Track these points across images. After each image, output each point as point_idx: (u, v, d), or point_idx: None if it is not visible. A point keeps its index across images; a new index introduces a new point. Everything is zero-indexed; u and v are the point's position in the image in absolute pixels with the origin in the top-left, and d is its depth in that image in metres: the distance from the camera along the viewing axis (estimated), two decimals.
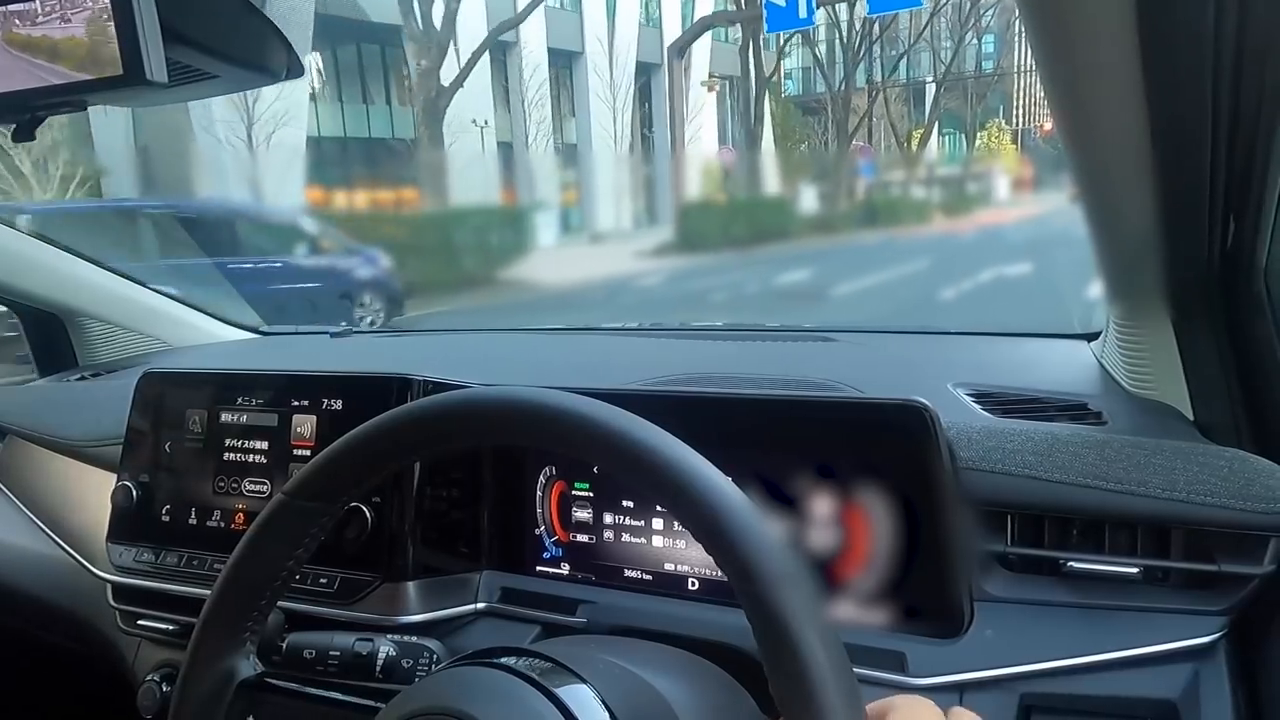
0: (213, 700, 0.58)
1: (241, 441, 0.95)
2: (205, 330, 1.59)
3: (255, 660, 0.60)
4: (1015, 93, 31.86)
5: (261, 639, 0.60)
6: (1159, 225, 0.71)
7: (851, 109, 20.84)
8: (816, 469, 0.79)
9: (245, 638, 0.59)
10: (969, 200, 13.77)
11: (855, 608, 0.76)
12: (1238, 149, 0.62)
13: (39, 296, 1.40)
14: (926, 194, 14.32)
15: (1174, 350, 0.87)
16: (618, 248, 11.59)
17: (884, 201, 13.37)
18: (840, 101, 20.54)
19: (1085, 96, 0.58)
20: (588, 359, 1.41)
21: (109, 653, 1.06)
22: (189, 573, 0.95)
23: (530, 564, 0.90)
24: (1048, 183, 13.84)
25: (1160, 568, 0.71)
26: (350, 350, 1.52)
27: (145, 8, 0.54)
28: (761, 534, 0.46)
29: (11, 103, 0.59)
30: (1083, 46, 0.53)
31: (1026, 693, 0.70)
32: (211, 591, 0.58)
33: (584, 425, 0.51)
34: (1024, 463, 0.74)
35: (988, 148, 28.36)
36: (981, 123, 27.68)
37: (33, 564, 1.13)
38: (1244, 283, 0.79)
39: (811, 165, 17.59)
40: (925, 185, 15.11)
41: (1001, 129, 29.29)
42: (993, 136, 29.23)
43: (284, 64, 0.66)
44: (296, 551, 0.57)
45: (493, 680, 0.53)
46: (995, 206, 13.63)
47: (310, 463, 0.56)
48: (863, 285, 8.79)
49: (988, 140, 28.72)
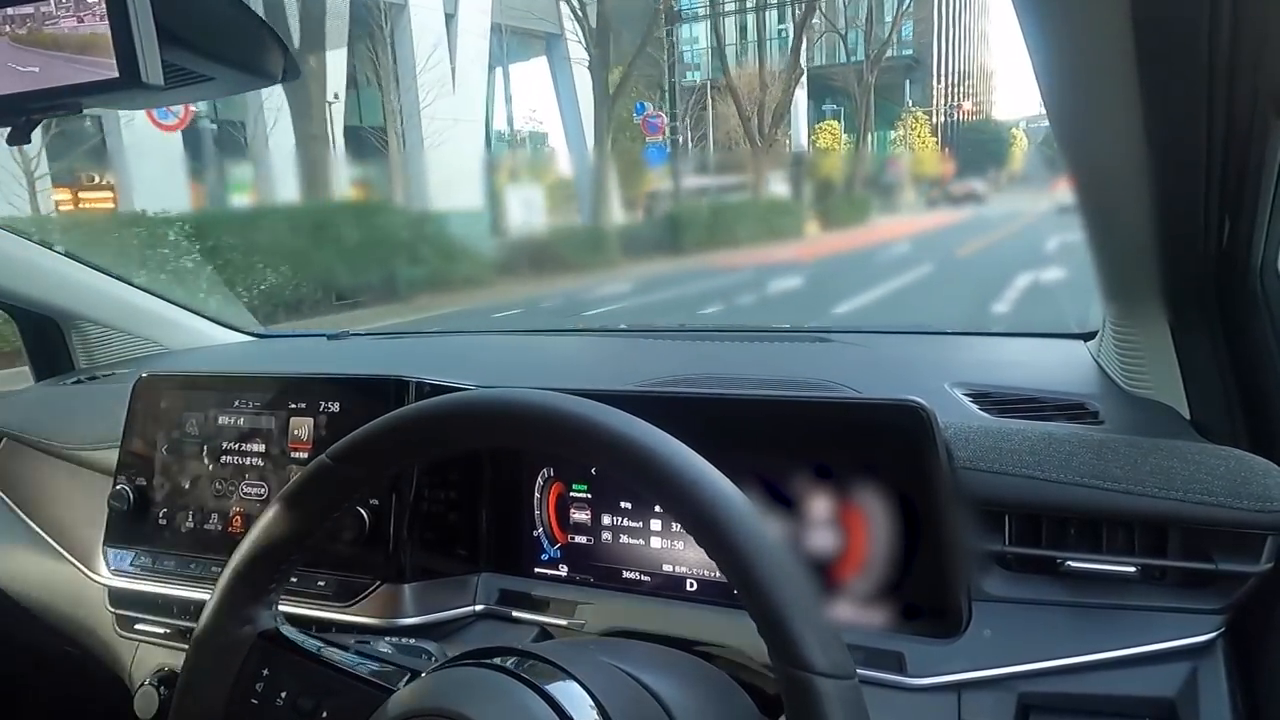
0: (232, 649, 0.60)
1: (238, 444, 0.94)
2: (201, 333, 1.59)
3: (276, 612, 0.62)
4: (936, 73, 28.78)
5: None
6: (1155, 225, 0.71)
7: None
8: (814, 469, 0.79)
9: (270, 589, 0.61)
10: (857, 207, 11.05)
11: (854, 608, 0.76)
12: (1233, 149, 0.62)
13: (35, 300, 1.40)
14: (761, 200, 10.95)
15: (1170, 349, 0.87)
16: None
17: (690, 211, 10.19)
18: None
19: (1081, 98, 0.58)
20: (586, 360, 1.41)
21: (106, 656, 1.06)
22: (186, 576, 0.94)
23: (528, 566, 0.90)
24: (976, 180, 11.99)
25: (1158, 566, 0.71)
26: (346, 353, 1.52)
27: (141, 10, 0.54)
28: (761, 536, 0.46)
29: (7, 105, 0.59)
30: (1079, 49, 0.53)
31: (1025, 692, 0.70)
32: (242, 542, 0.60)
33: (584, 426, 0.51)
34: (1021, 462, 0.74)
35: (904, 140, 25.61)
36: (882, 109, 24.27)
37: (30, 568, 1.13)
38: (1240, 282, 0.80)
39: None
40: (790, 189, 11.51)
41: (919, 119, 26.64)
42: (912, 128, 26.41)
43: (280, 66, 0.66)
44: (332, 515, 0.59)
45: (486, 680, 0.53)
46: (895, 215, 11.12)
47: (358, 431, 0.58)
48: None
49: (905, 132, 26.04)
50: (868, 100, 20.55)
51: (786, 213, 10.64)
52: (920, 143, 25.71)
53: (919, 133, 26.19)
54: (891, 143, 25.96)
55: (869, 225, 10.94)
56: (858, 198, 11.49)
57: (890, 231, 10.78)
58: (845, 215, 11.13)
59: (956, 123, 30.54)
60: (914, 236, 10.55)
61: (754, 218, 10.41)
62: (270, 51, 0.65)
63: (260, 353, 1.60)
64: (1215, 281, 0.81)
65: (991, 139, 27.11)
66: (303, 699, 0.60)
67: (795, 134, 18.86)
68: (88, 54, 0.56)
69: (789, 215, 10.59)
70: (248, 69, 0.65)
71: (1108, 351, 0.99)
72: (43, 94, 0.58)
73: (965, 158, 26.07)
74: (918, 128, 26.46)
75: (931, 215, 11.25)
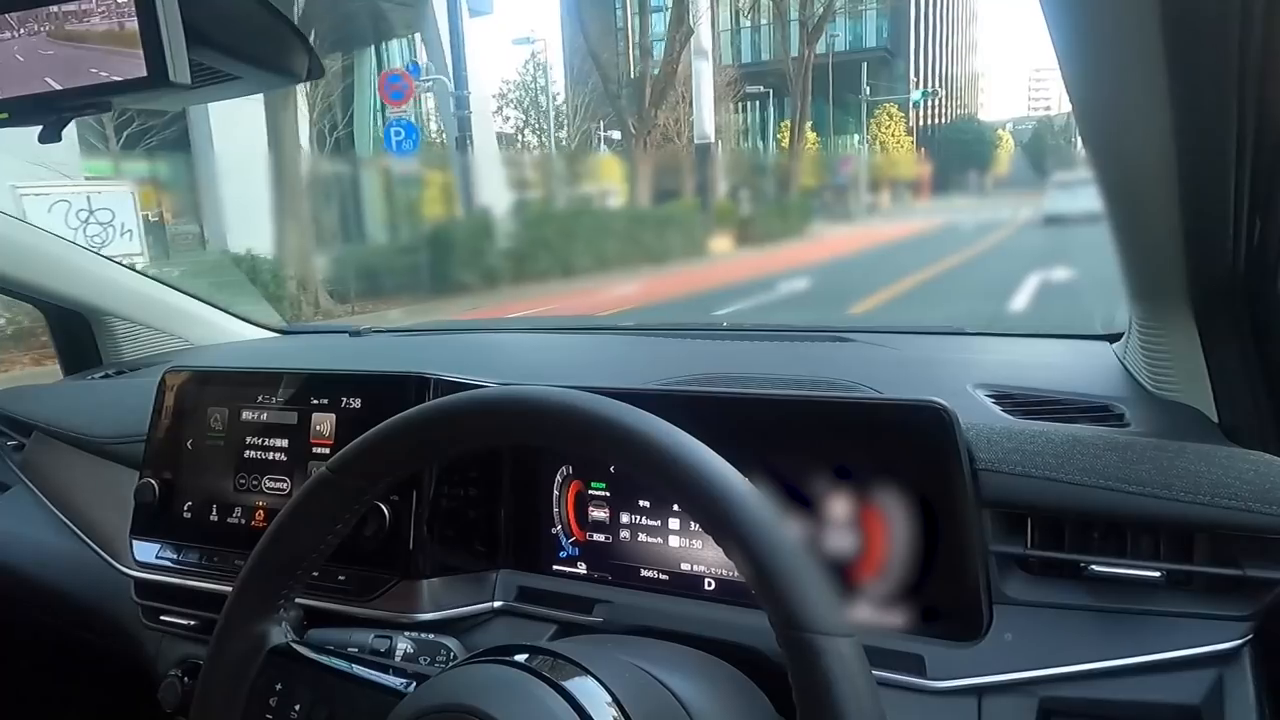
0: (244, 664, 0.60)
1: (261, 439, 0.96)
2: (227, 329, 1.61)
3: (287, 628, 0.61)
4: (915, 67, 25.45)
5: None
6: (1183, 225, 0.70)
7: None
8: (834, 470, 0.78)
9: (279, 605, 0.61)
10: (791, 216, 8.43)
11: (873, 610, 0.76)
12: (1263, 149, 0.61)
13: (65, 295, 1.42)
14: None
15: (1198, 351, 0.85)
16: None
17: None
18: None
19: (1110, 98, 0.58)
20: (607, 358, 1.41)
21: (131, 647, 1.07)
22: (210, 569, 0.96)
23: (546, 563, 0.90)
24: (953, 184, 10.11)
25: (1183, 572, 0.70)
26: (369, 349, 1.53)
27: (169, 11, 0.55)
28: (779, 537, 0.46)
29: (40, 104, 0.60)
30: (1107, 46, 0.53)
31: (1046, 696, 0.69)
32: (248, 559, 0.60)
33: (604, 424, 0.51)
34: (1044, 464, 0.73)
35: (875, 139, 22.62)
36: (848, 106, 20.73)
37: (58, 559, 1.15)
38: (1269, 283, 0.78)
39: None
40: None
41: (894, 116, 23.91)
42: (883, 126, 23.50)
43: (305, 65, 0.67)
44: (336, 527, 0.59)
45: (506, 677, 0.53)
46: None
47: (357, 441, 0.58)
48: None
49: (878, 129, 23.17)
50: (804, 82, 16.74)
51: (666, 223, 7.55)
52: (894, 141, 23.42)
53: (893, 131, 24.06)
54: (859, 140, 23.20)
55: (807, 238, 8.44)
56: (793, 205, 9.01)
57: (816, 251, 8.35)
58: (768, 228, 8.35)
59: (932, 114, 28.10)
60: (846, 258, 8.09)
61: (596, 233, 7.35)
62: (295, 51, 0.66)
63: (284, 349, 1.62)
64: (1244, 283, 0.79)
65: (974, 139, 25.13)
66: (316, 709, 0.60)
67: (699, 122, 13.22)
68: (116, 54, 0.56)
69: (674, 228, 7.50)
70: (273, 68, 0.66)
71: (1134, 353, 0.98)
72: (73, 93, 0.59)
73: (945, 159, 23.75)
74: (891, 125, 24.24)
75: (888, 226, 8.97)
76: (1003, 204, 9.73)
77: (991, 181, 13.60)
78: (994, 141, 24.55)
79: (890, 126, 24.43)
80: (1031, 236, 6.67)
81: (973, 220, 9.74)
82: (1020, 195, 8.48)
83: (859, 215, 9.57)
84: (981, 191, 11.67)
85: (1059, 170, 10.37)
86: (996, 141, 24.46)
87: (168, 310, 1.54)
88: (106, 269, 1.46)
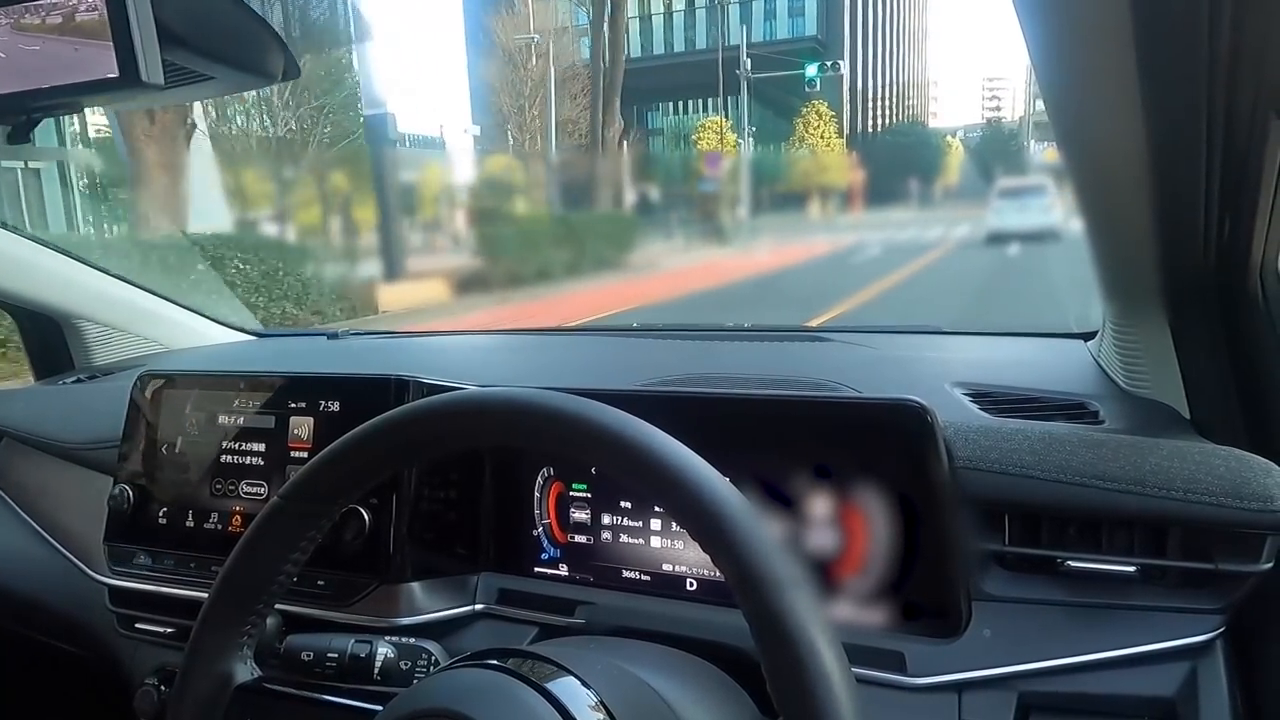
0: (210, 704, 0.58)
1: (238, 443, 0.94)
2: (201, 332, 1.59)
3: (253, 664, 0.60)
4: (849, 60, 22.00)
5: (259, 641, 0.60)
6: (1155, 224, 0.71)
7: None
8: (814, 469, 0.79)
9: (243, 641, 0.59)
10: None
11: (853, 608, 0.76)
12: (1233, 148, 0.62)
13: (35, 299, 1.40)
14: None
15: (1170, 349, 0.87)
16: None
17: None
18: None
19: (1081, 97, 0.58)
20: (585, 360, 1.41)
21: (106, 655, 1.06)
22: (186, 576, 0.94)
23: (528, 565, 0.90)
24: (888, 194, 8.71)
25: (1157, 566, 0.71)
26: (347, 352, 1.52)
27: (141, 10, 0.54)
28: (759, 537, 0.47)
29: (8, 105, 0.59)
30: (1079, 47, 0.53)
31: (1025, 691, 0.70)
32: (209, 595, 0.58)
33: (582, 426, 0.51)
34: (1021, 462, 0.74)
35: (801, 141, 20.08)
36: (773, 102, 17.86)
37: (30, 567, 1.13)
38: (1240, 281, 0.80)
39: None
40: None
41: (823, 115, 21.19)
42: (811, 126, 20.77)
43: (280, 66, 0.66)
44: (293, 555, 0.57)
45: (490, 681, 0.53)
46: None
47: (306, 466, 0.57)
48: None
49: (805, 129, 20.56)
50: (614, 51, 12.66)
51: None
52: (824, 144, 20.92)
53: (822, 132, 21.48)
54: (789, 143, 20.52)
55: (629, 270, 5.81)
56: (621, 221, 6.45)
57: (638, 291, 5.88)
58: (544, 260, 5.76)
59: (877, 118, 25.94)
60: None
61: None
62: (270, 51, 0.66)
63: (260, 352, 1.60)
64: (1215, 281, 0.81)
65: (919, 143, 22.48)
66: None
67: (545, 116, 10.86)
68: (87, 53, 0.56)
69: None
70: (247, 68, 0.65)
71: (1108, 351, 0.99)
72: (43, 93, 0.58)
73: (882, 165, 20.13)
74: (820, 126, 21.61)
75: (790, 245, 6.40)
76: (940, 219, 8.61)
77: (940, 191, 12.96)
78: (940, 148, 22.62)
79: (819, 127, 22.07)
80: (972, 258, 5.61)
81: (900, 237, 8.35)
82: (964, 208, 7.73)
83: (736, 234, 7.29)
84: (924, 203, 10.84)
85: (1005, 177, 9.88)
86: (944, 148, 22.66)
87: (141, 313, 1.52)
88: (78, 272, 1.43)
